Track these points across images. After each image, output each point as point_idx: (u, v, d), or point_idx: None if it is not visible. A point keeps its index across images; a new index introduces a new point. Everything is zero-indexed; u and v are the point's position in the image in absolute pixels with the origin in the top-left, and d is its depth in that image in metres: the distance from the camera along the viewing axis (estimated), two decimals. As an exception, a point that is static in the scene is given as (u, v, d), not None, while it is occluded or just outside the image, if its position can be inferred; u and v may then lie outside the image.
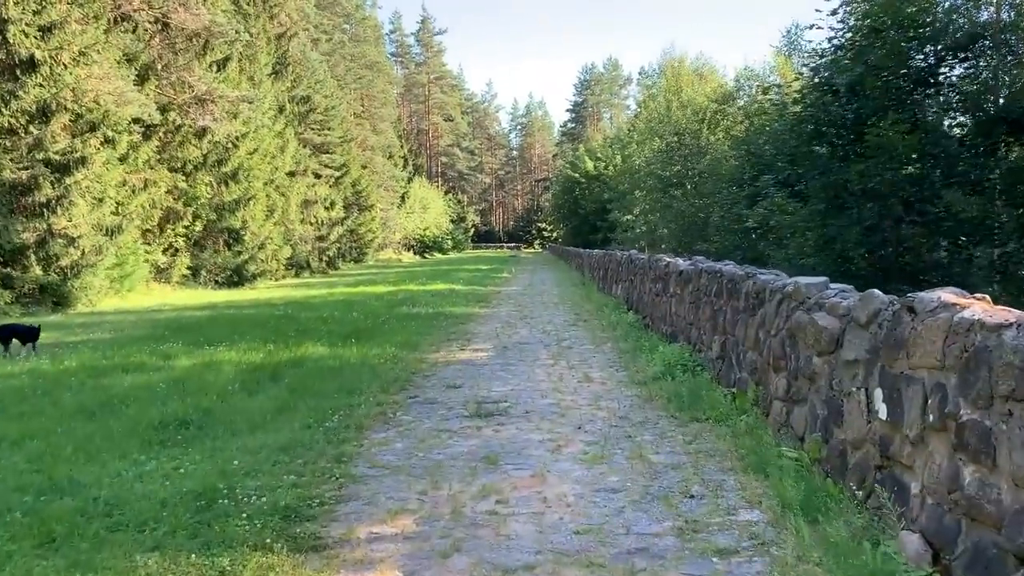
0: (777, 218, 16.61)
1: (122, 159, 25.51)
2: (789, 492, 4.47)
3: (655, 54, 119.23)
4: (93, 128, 23.19)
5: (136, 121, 27.38)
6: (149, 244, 28.74)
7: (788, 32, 34.03)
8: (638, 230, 38.38)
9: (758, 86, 31.15)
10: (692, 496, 4.76)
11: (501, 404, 7.49)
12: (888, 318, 4.24)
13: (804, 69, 19.57)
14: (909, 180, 14.70)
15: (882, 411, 4.17)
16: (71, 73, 21.51)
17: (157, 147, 28.70)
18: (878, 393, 4.23)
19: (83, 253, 21.74)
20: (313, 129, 49.06)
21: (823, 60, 16.30)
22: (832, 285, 5.58)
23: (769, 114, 18.58)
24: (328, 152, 50.83)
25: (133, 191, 26.50)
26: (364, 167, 62.69)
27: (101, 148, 23.79)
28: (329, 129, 51.32)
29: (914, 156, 14.59)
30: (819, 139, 15.90)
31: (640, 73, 77.69)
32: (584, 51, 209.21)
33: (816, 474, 4.85)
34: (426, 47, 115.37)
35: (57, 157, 20.99)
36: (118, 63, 25.55)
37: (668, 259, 12.08)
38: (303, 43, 51.44)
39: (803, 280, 5.73)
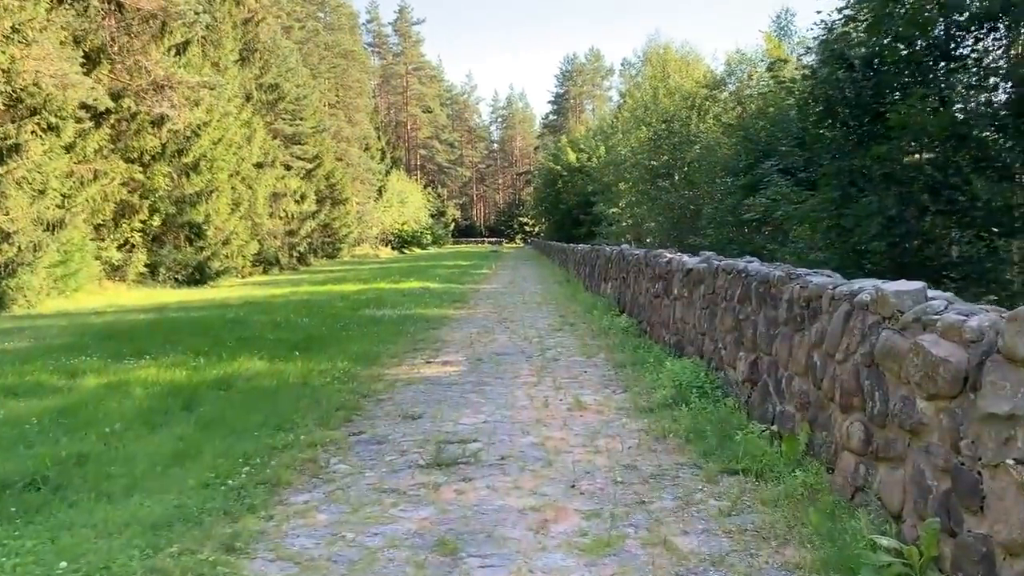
0: (783, 208, 15.01)
1: (68, 148, 23.49)
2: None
3: (639, 42, 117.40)
4: (34, 113, 21.21)
5: (86, 108, 25.47)
6: (102, 240, 26.77)
7: (778, 17, 32.64)
8: (624, 223, 36.80)
9: (750, 73, 29.65)
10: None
11: (469, 445, 5.77)
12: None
13: (809, 42, 18.03)
14: (934, 165, 13.18)
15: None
16: (2, 51, 19.48)
17: (111, 136, 26.70)
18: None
19: (19, 250, 19.76)
20: (284, 119, 47.05)
21: (834, 32, 14.67)
22: (932, 293, 3.92)
23: (772, 94, 16.93)
24: (300, 143, 48.81)
25: (81, 183, 24.50)
26: (339, 159, 60.69)
27: (44, 135, 21.83)
28: (301, 119, 49.32)
29: (939, 138, 13.07)
30: (831, 120, 14.30)
31: (623, 64, 76.12)
32: (566, 42, 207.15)
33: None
34: (404, 37, 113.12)
35: (-14, 144, 19.00)
36: (63, 43, 23.56)
37: (670, 254, 10.42)
38: (273, 29, 49.33)
39: (890, 286, 4.06)
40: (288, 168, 45.29)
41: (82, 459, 5.40)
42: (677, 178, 30.63)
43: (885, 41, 13.33)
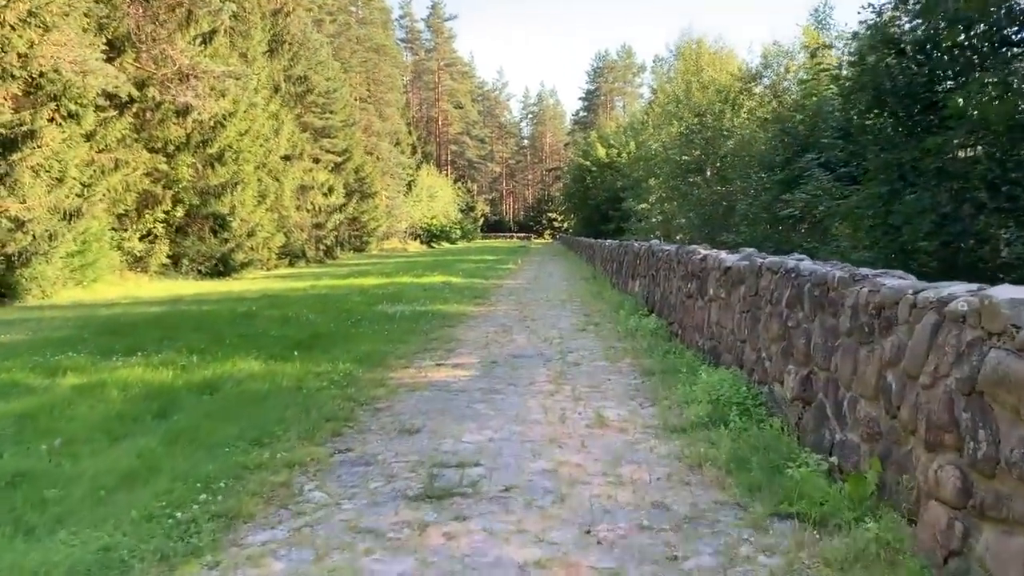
0: (825, 204, 13.98)
1: (88, 136, 23.11)
2: None
3: (672, 35, 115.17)
4: (53, 99, 20.83)
5: (110, 97, 25.07)
6: (125, 230, 26.40)
7: (816, 11, 31.18)
8: (653, 219, 35.74)
9: (787, 66, 28.42)
10: None
11: (469, 470, 4.93)
12: None
13: (847, 36, 16.85)
14: (992, 158, 12.08)
15: None
16: (20, 36, 19.03)
17: (134, 125, 26.31)
18: None
19: (34, 239, 19.32)
20: (314, 112, 46.61)
21: (884, 15, 13.58)
22: (1056, 303, 3.00)
23: (811, 83, 15.84)
24: (330, 136, 48.37)
25: (102, 172, 24.10)
26: (369, 153, 60.24)
27: (63, 123, 21.44)
28: (331, 112, 48.86)
29: (1000, 129, 11.97)
30: (879, 110, 13.23)
31: (655, 60, 74.58)
32: (598, 38, 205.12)
33: None
34: (436, 33, 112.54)
35: (1, 130, 18.55)
36: (85, 30, 23.16)
37: (704, 251, 9.48)
38: (304, 22, 48.90)
39: (999, 293, 3.14)
40: (316, 161, 44.84)
41: (18, 479, 4.66)
42: (709, 173, 29.55)
43: (940, 24, 12.27)
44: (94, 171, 23.50)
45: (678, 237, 30.81)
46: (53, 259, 20.04)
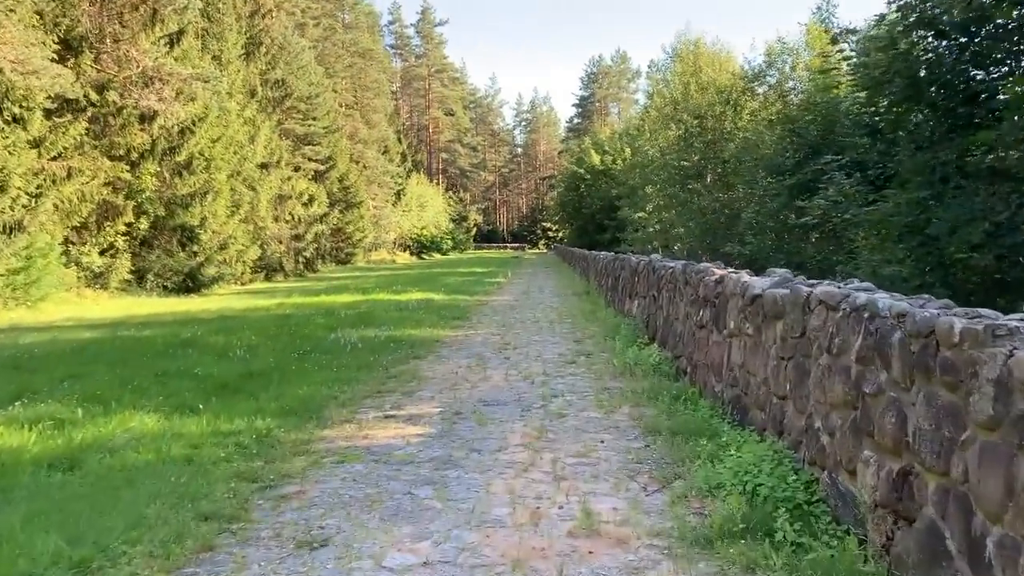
0: (852, 212, 12.17)
1: (36, 142, 21.29)
2: None
3: (668, 38, 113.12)
4: (-6, 103, 19.11)
5: (68, 101, 23.28)
6: (83, 244, 24.51)
7: (819, 9, 29.49)
8: (651, 229, 33.98)
9: (793, 63, 26.73)
10: None
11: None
12: None
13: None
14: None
15: None
16: (-54, 32, 17.24)
17: (92, 131, 24.47)
18: None
19: (-36, 255, 17.50)
20: (295, 118, 44.79)
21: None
22: None
23: (822, 79, 14.06)
24: (312, 144, 46.54)
25: (53, 181, 22.25)
26: (355, 161, 58.42)
27: (5, 127, 19.66)
28: (313, 119, 47.06)
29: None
30: (914, 101, 11.47)
31: (650, 66, 72.82)
32: (592, 44, 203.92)
33: None
34: (426, 39, 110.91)
35: (-76, 135, 16.72)
36: (33, 27, 21.36)
37: (719, 270, 7.65)
38: (284, 25, 47.17)
39: None
40: (297, 169, 42.98)
41: None
42: (710, 179, 27.83)
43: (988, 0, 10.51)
44: (43, 180, 21.65)
45: (676, 247, 29.05)
46: (-12, 277, 18.20)
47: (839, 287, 4.69)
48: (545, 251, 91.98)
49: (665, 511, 4.51)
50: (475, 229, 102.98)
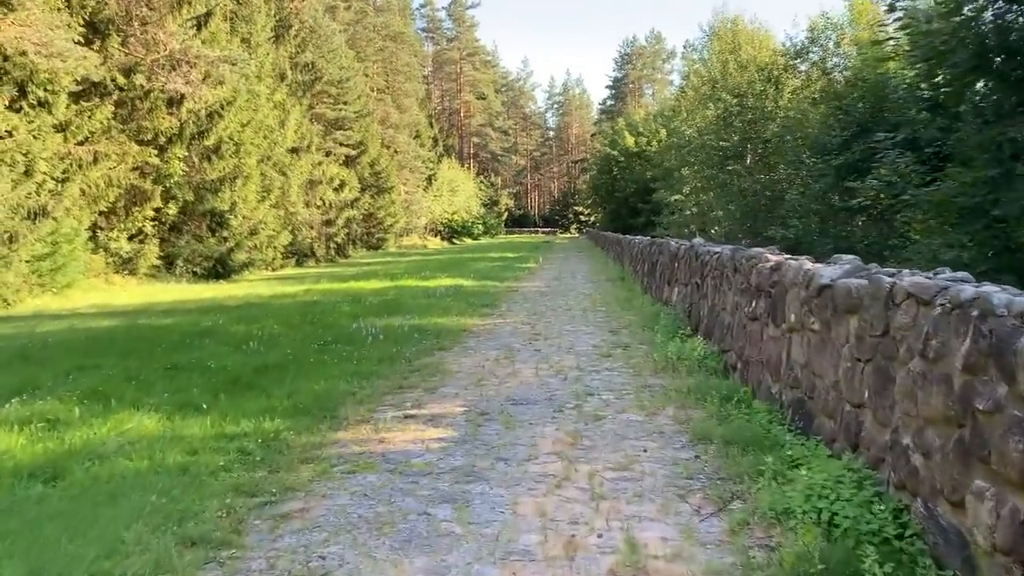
0: (909, 193, 11.28)
1: (62, 127, 21.01)
2: None
3: (704, 16, 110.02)
4: (18, 86, 18.81)
5: (95, 85, 23.01)
6: (111, 230, 24.32)
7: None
8: (687, 212, 33.00)
9: (838, 39, 25.55)
10: None
11: None
12: None
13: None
14: None
15: None
16: (-35, 13, 16.93)
17: (120, 115, 24.19)
18: None
19: (-13, 241, 17.25)
20: (325, 103, 44.39)
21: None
22: None
23: (893, 43, 13.09)
24: (343, 128, 46.12)
25: (79, 166, 21.99)
26: (386, 146, 57.99)
27: (30, 111, 19.37)
28: (344, 103, 46.60)
29: None
30: (981, 72, 10.53)
31: (685, 46, 71.09)
32: (626, 24, 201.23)
33: None
34: (458, 22, 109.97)
35: (-53, 119, 16.46)
36: (59, 10, 21.04)
37: (774, 256, 6.90)
38: (314, 8, 46.69)
39: None
40: (328, 154, 42.60)
41: None
42: (750, 160, 26.81)
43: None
44: (69, 165, 21.40)
45: (713, 230, 28.09)
46: (14, 264, 17.93)
47: (929, 278, 3.95)
48: (577, 235, 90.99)
49: (724, 542, 3.83)
50: (506, 213, 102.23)
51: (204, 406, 6.58)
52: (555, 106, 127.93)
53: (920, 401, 3.61)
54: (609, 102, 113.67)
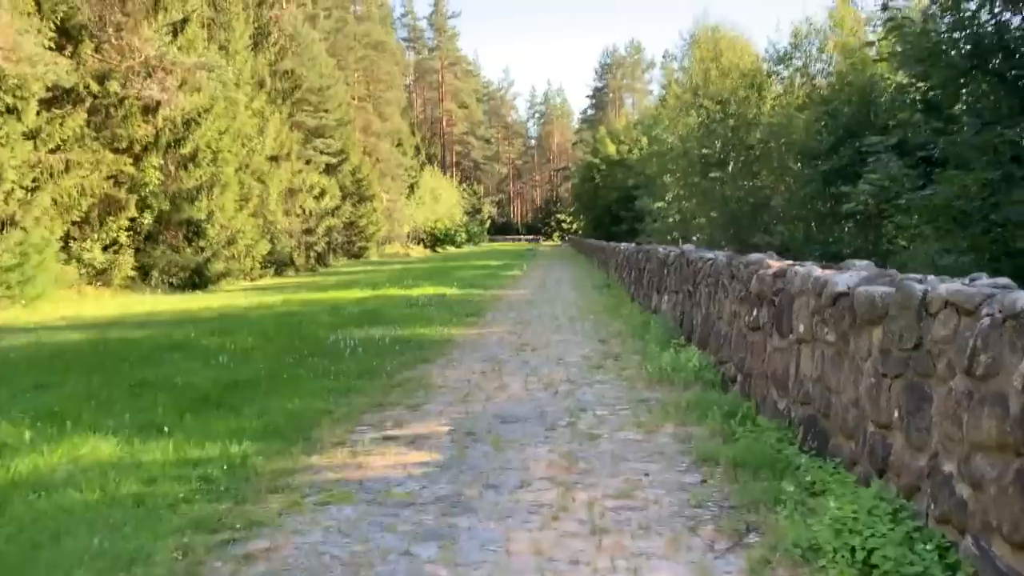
0: (907, 197, 10.96)
1: (32, 134, 20.37)
2: None
3: (685, 24, 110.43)
4: (-14, 93, 18.25)
5: (68, 92, 22.43)
6: (84, 240, 23.63)
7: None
8: (670, 219, 32.74)
9: (820, 45, 25.37)
10: None
11: None
12: None
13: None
14: None
15: None
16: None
17: (95, 123, 23.59)
18: None
19: (-50, 253, 16.61)
20: (306, 111, 43.76)
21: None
22: None
23: (887, 42, 12.79)
24: (323, 136, 45.52)
25: (51, 174, 21.37)
26: (367, 154, 57.45)
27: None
28: (325, 111, 46.04)
29: None
30: (979, 71, 10.23)
31: (664, 56, 71.09)
32: (605, 35, 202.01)
33: None
34: (439, 31, 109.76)
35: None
36: (29, 15, 20.44)
37: (777, 263, 6.52)
38: (294, 16, 46.19)
39: None
40: (308, 162, 41.99)
41: None
42: (732, 167, 26.52)
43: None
44: (40, 173, 20.76)
45: (695, 237, 27.82)
46: (-21, 275, 17.31)
47: (965, 284, 3.56)
48: (559, 243, 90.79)
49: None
50: (489, 222, 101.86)
51: (167, 428, 6.08)
52: (537, 115, 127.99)
53: (967, 424, 3.21)
54: (590, 111, 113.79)
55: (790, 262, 6.44)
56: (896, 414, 3.87)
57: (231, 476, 5.04)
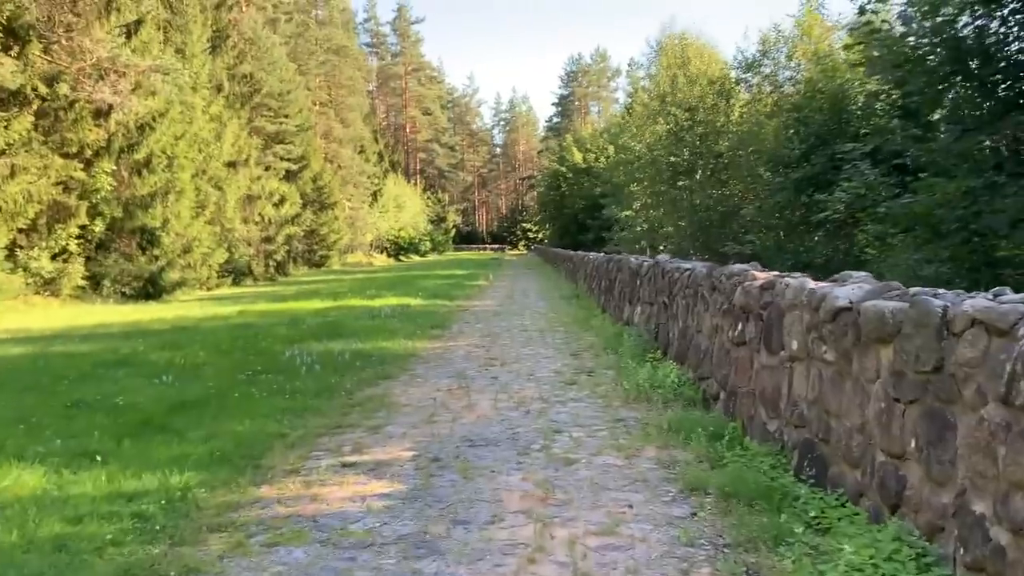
0: (886, 205, 10.72)
1: (-28, 138, 19.48)
2: None
3: (652, 32, 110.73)
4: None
5: (14, 94, 21.54)
6: (31, 249, 22.66)
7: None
8: (638, 228, 32.53)
9: (789, 52, 25.35)
10: None
11: None
12: None
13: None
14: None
15: None
16: None
17: (43, 127, 22.68)
18: None
19: None
20: (265, 116, 42.88)
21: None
22: None
23: (863, 48, 12.58)
24: (283, 142, 44.67)
25: (-6, 180, 20.46)
26: (329, 161, 56.60)
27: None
28: (285, 116, 45.20)
29: None
30: (959, 77, 10.02)
31: (630, 64, 71.36)
32: (571, 43, 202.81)
33: None
34: (403, 37, 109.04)
35: None
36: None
37: (763, 274, 6.14)
38: (254, 19, 45.36)
39: None
40: (267, 169, 41.10)
41: None
42: (700, 175, 26.35)
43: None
44: (-17, 179, 19.86)
45: (663, 247, 27.62)
46: (-87, 286, 16.37)
47: (990, 299, 3.18)
48: (525, 252, 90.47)
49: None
50: (454, 230, 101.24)
51: (101, 456, 5.49)
52: (502, 123, 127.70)
53: (1004, 460, 2.82)
54: (555, 119, 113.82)
55: (777, 273, 6.07)
56: (912, 444, 3.48)
57: (169, 512, 4.48)
